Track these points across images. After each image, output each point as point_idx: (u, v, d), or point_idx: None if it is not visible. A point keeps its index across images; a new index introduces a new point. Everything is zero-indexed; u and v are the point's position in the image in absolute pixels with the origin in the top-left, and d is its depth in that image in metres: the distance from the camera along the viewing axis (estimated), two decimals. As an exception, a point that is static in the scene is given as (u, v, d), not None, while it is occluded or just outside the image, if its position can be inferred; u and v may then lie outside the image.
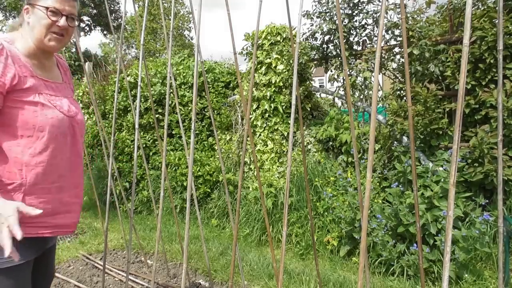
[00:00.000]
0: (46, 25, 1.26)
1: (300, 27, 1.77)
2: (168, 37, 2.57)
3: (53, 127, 1.25)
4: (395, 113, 3.71)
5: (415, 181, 1.67)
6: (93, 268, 3.29)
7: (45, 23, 1.26)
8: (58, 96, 1.33)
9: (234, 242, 1.81)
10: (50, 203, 1.26)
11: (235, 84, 5.49)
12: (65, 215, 1.32)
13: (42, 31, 1.26)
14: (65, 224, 1.32)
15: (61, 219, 1.30)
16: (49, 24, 1.26)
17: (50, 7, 1.25)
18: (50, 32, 1.27)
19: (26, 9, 1.27)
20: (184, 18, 23.62)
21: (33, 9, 1.26)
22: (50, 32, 1.27)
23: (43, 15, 1.25)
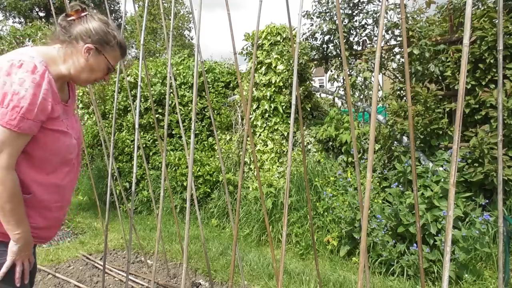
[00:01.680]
0: (97, 77, 1.33)
1: (300, 27, 1.77)
2: (168, 37, 2.57)
3: (67, 152, 1.27)
4: (395, 113, 3.71)
5: (415, 181, 1.67)
6: (93, 268, 3.29)
7: (99, 75, 1.33)
8: (69, 118, 1.34)
9: (234, 242, 1.81)
10: (49, 220, 1.29)
11: (235, 84, 5.49)
12: (54, 230, 1.37)
13: (90, 77, 1.31)
14: (50, 236, 1.37)
15: (50, 233, 1.35)
16: (101, 77, 1.34)
17: (112, 64, 1.33)
18: (93, 80, 1.34)
19: (90, 49, 1.26)
20: (184, 18, 23.62)
21: (98, 55, 1.28)
22: (93, 80, 1.34)
23: (103, 67, 1.31)
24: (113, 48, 1.31)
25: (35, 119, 1.12)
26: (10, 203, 1.10)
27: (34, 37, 7.26)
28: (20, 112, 1.08)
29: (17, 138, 1.10)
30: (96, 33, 1.26)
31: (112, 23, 1.34)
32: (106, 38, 1.28)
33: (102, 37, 1.27)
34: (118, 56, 1.36)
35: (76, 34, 1.24)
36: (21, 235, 1.15)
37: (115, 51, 1.33)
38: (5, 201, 1.09)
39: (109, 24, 1.31)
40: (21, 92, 1.08)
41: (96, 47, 1.26)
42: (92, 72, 1.30)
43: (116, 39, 1.31)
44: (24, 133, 1.11)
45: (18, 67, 1.10)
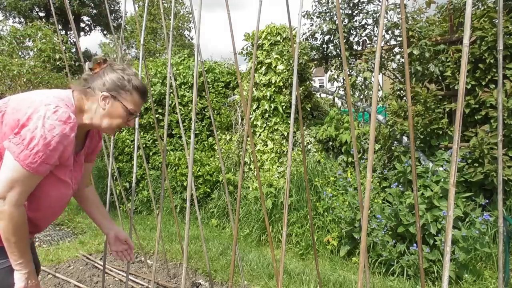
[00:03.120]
0: (119, 123, 1.33)
1: (300, 27, 1.77)
2: (168, 37, 2.57)
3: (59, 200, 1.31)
4: (395, 113, 3.71)
5: (415, 181, 1.67)
6: (93, 268, 3.29)
7: (120, 122, 1.33)
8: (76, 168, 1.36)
9: (234, 242, 1.81)
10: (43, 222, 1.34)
11: (235, 84, 5.49)
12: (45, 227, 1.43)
13: (112, 124, 1.32)
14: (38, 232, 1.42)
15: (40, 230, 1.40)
16: (122, 122, 1.34)
17: (132, 110, 1.33)
18: (116, 126, 1.34)
19: (106, 97, 1.29)
20: (184, 18, 23.62)
21: (114, 102, 1.30)
22: (116, 126, 1.34)
23: (122, 114, 1.32)
24: (129, 93, 1.32)
25: (53, 164, 1.17)
26: (15, 236, 1.15)
27: (34, 37, 7.26)
28: (42, 157, 1.12)
29: (32, 178, 1.15)
30: (111, 81, 1.29)
31: (130, 69, 1.36)
32: (120, 84, 1.31)
33: (116, 83, 1.30)
34: (137, 100, 1.35)
35: (94, 85, 1.29)
36: (23, 264, 1.20)
37: (132, 95, 1.33)
38: (11, 234, 1.14)
39: (125, 70, 1.33)
40: (47, 138, 1.12)
41: (112, 94, 1.29)
42: (113, 119, 1.32)
43: (131, 83, 1.32)
44: (39, 175, 1.15)
45: (53, 113, 1.15)
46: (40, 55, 7.05)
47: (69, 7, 2.32)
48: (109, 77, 1.30)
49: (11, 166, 1.12)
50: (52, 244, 3.98)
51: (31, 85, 7.26)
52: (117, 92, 1.30)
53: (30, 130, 1.12)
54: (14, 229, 1.14)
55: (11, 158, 1.12)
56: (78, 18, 22.41)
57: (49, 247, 3.88)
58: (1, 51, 7.30)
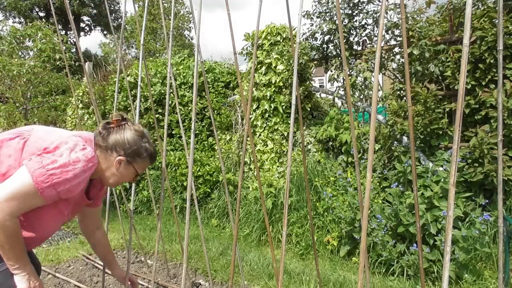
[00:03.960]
0: (126, 180, 1.45)
1: (300, 27, 1.77)
2: (168, 37, 2.57)
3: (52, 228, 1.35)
4: (395, 113, 3.71)
5: (415, 181, 1.67)
6: (93, 268, 3.29)
7: (126, 180, 1.44)
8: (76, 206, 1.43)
9: (234, 242, 1.81)
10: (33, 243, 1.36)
11: (235, 84, 5.49)
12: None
13: (118, 181, 1.43)
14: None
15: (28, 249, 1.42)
16: (129, 180, 1.46)
17: (139, 172, 1.45)
18: (121, 182, 1.45)
19: (121, 161, 1.36)
20: (184, 18, 23.63)
21: (128, 165, 1.39)
22: (121, 182, 1.46)
23: (131, 174, 1.42)
24: (144, 160, 1.42)
25: (60, 193, 1.19)
26: (8, 244, 1.16)
27: (34, 37, 7.26)
28: (53, 181, 1.15)
29: (34, 198, 1.16)
30: (130, 145, 1.36)
31: (146, 133, 1.43)
32: (138, 151, 1.39)
33: (134, 150, 1.37)
34: (148, 165, 1.47)
35: (112, 144, 1.35)
36: (21, 268, 1.21)
37: (145, 161, 1.43)
38: (4, 242, 1.15)
39: (143, 136, 1.41)
40: (68, 167, 1.18)
41: (128, 160, 1.37)
42: (121, 179, 1.41)
43: (147, 152, 1.42)
44: (42, 198, 1.17)
45: (80, 150, 1.24)
46: (40, 55, 7.05)
47: (69, 7, 2.32)
48: (127, 139, 1.36)
49: (21, 179, 1.14)
50: (52, 244, 3.98)
51: (31, 85, 7.26)
52: (133, 158, 1.39)
53: (54, 155, 1.18)
54: (6, 238, 1.14)
55: (25, 172, 1.14)
56: (78, 18, 22.42)
57: (49, 247, 3.88)
58: (1, 51, 7.30)
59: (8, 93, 7.23)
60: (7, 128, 7.37)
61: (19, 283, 1.21)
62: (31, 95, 7.61)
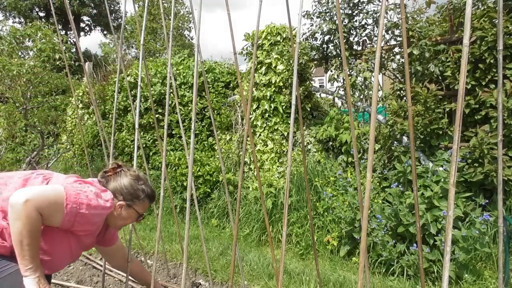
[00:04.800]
0: (130, 222, 1.57)
1: (300, 27, 1.77)
2: (168, 37, 2.57)
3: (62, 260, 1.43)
4: (395, 113, 3.71)
5: (415, 181, 1.67)
6: (93, 268, 3.29)
7: (130, 221, 1.57)
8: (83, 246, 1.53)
9: (234, 242, 1.81)
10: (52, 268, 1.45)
11: (235, 84, 5.49)
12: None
13: (123, 224, 1.57)
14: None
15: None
16: (132, 221, 1.58)
17: (141, 214, 1.57)
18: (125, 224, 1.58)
19: (122, 205, 1.49)
20: (184, 18, 23.61)
21: (128, 208, 1.51)
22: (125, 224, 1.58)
23: (133, 216, 1.55)
24: (143, 201, 1.54)
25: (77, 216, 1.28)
26: (29, 238, 1.20)
27: (34, 37, 7.26)
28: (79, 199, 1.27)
29: (58, 210, 1.24)
30: (127, 190, 1.49)
31: (142, 176, 1.58)
32: (136, 194, 1.51)
33: (132, 193, 1.50)
34: (147, 205, 1.58)
35: (111, 191, 1.47)
36: (33, 269, 1.25)
37: (144, 202, 1.55)
38: (25, 235, 1.19)
39: (139, 179, 1.54)
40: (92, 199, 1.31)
41: (127, 203, 1.49)
42: (125, 220, 1.54)
43: (145, 193, 1.54)
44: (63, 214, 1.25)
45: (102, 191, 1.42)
46: (40, 55, 7.05)
47: (69, 7, 2.32)
48: (124, 185, 1.49)
49: (55, 188, 1.25)
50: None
51: (31, 85, 7.25)
52: (132, 201, 1.50)
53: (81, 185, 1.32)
54: (29, 231, 1.18)
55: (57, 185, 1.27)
56: (78, 18, 22.42)
57: (49, 247, 3.88)
58: (1, 51, 7.29)
59: (8, 93, 7.23)
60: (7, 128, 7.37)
61: (29, 285, 1.23)
62: (31, 95, 7.60)
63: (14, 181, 1.36)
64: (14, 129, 7.41)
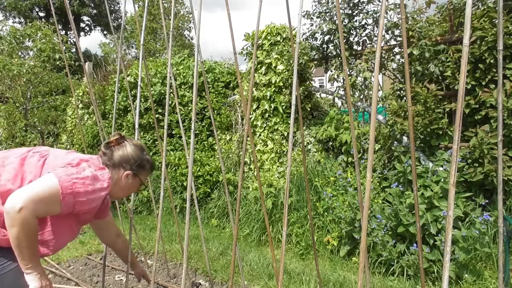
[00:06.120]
0: (133, 191, 1.62)
1: (300, 27, 1.77)
2: (168, 37, 2.57)
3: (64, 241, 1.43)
4: (395, 113, 3.71)
5: (415, 181, 1.67)
6: (93, 268, 3.29)
7: (134, 191, 1.60)
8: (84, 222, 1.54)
9: (234, 242, 1.81)
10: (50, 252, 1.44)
11: (235, 84, 5.49)
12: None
13: (127, 194, 1.59)
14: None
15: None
16: (135, 191, 1.61)
17: (144, 182, 1.60)
18: (128, 194, 1.61)
19: (129, 174, 1.50)
20: (184, 18, 23.59)
21: (134, 178, 1.53)
22: (128, 194, 1.61)
23: (137, 185, 1.58)
24: (147, 170, 1.58)
25: (76, 203, 1.28)
26: (27, 241, 1.21)
27: (34, 37, 7.26)
28: (75, 189, 1.26)
29: (55, 202, 1.24)
30: (134, 160, 1.51)
31: (145, 147, 1.60)
32: (141, 164, 1.54)
33: (138, 163, 1.52)
34: (149, 174, 1.62)
35: (118, 161, 1.49)
36: (33, 267, 1.26)
37: (147, 171, 1.59)
38: (23, 239, 1.20)
39: (143, 150, 1.57)
40: (88, 181, 1.29)
41: (134, 173, 1.51)
42: (129, 190, 1.57)
43: (149, 163, 1.58)
44: (61, 205, 1.25)
45: (99, 169, 1.39)
46: (40, 55, 7.05)
47: (69, 7, 2.32)
48: (131, 155, 1.51)
49: (49, 182, 1.22)
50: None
51: (30, 85, 7.26)
52: (138, 170, 1.53)
53: (77, 169, 1.29)
54: (26, 236, 1.19)
55: (51, 176, 1.23)
56: (78, 18, 22.42)
57: (49, 247, 3.88)
58: (1, 51, 7.29)
59: (8, 93, 7.23)
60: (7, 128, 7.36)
61: (31, 282, 1.25)
62: (31, 95, 7.61)
63: (11, 161, 1.34)
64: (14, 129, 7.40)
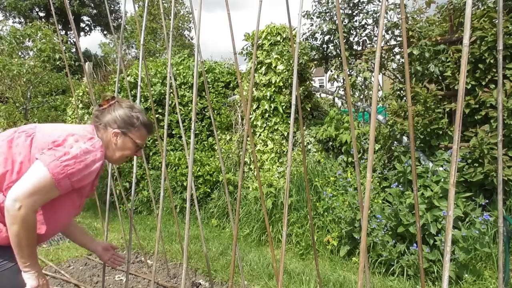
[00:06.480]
0: (129, 154, 1.50)
1: (300, 27, 1.77)
2: (168, 37, 2.57)
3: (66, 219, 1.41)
4: (395, 113, 3.71)
5: (415, 181, 1.67)
6: (93, 268, 3.29)
7: (129, 153, 1.49)
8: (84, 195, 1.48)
9: (234, 242, 1.81)
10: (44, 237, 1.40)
11: (235, 84, 5.49)
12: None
13: (122, 156, 1.48)
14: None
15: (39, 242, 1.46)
16: (131, 154, 1.50)
17: (139, 144, 1.49)
18: (125, 157, 1.50)
19: (117, 133, 1.43)
20: (184, 18, 23.59)
21: (125, 137, 1.45)
22: (125, 157, 1.50)
23: (131, 147, 1.47)
24: (138, 129, 1.47)
25: (73, 183, 1.25)
26: (26, 239, 1.20)
27: (34, 37, 7.26)
28: (68, 171, 1.21)
29: (52, 190, 1.22)
30: (122, 118, 1.43)
31: (137, 106, 1.52)
32: (130, 121, 1.45)
33: (125, 120, 1.44)
34: (144, 135, 1.51)
35: (106, 121, 1.42)
36: (31, 265, 1.25)
37: (140, 131, 1.48)
38: (23, 237, 1.19)
39: (133, 108, 1.48)
40: (80, 158, 1.24)
41: (122, 131, 1.43)
42: (123, 151, 1.47)
43: (139, 120, 1.48)
44: (58, 189, 1.22)
45: (88, 139, 1.30)
46: (40, 55, 7.05)
47: (69, 7, 2.32)
48: (118, 114, 1.43)
49: (39, 173, 1.19)
50: (52, 244, 3.98)
51: (30, 85, 7.25)
52: (127, 129, 1.44)
53: (65, 147, 1.23)
54: (26, 233, 1.18)
55: (40, 166, 1.19)
56: (78, 18, 22.42)
57: (49, 247, 3.88)
58: (1, 51, 7.29)
59: (8, 93, 7.23)
60: (7, 128, 7.36)
61: (29, 280, 1.24)
62: (31, 95, 7.61)
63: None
64: (14, 129, 7.39)
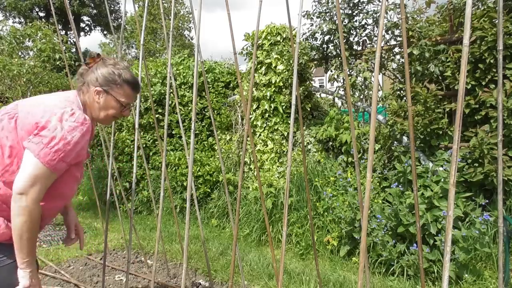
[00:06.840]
0: (114, 113, 1.43)
1: (300, 27, 1.77)
2: (168, 37, 2.57)
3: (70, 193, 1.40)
4: (395, 113, 3.71)
5: (415, 181, 1.67)
6: (93, 268, 3.29)
7: (114, 113, 1.43)
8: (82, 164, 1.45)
9: (234, 242, 1.81)
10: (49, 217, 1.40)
11: (235, 84, 5.49)
12: None
13: (107, 116, 1.42)
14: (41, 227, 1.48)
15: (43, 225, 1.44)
16: (117, 113, 1.43)
17: (124, 102, 1.42)
18: (112, 117, 1.44)
19: (99, 92, 1.38)
20: (184, 18, 23.58)
21: (107, 95, 1.39)
22: (112, 117, 1.44)
23: (115, 105, 1.41)
24: (120, 86, 1.41)
25: (69, 162, 1.25)
26: (29, 232, 1.19)
27: (34, 37, 7.26)
28: (60, 156, 1.21)
29: (50, 176, 1.21)
30: (103, 76, 1.38)
31: (122, 63, 1.45)
32: (112, 79, 1.39)
33: (107, 78, 1.39)
34: (129, 92, 1.44)
35: (88, 81, 1.38)
36: (29, 262, 1.23)
37: (123, 88, 1.42)
38: (26, 230, 1.18)
39: (116, 64, 1.42)
40: (67, 138, 1.21)
41: (104, 89, 1.38)
42: (107, 110, 1.41)
43: (121, 77, 1.41)
44: (55, 173, 1.22)
45: (70, 115, 1.25)
46: (40, 55, 7.05)
47: (69, 7, 2.32)
48: (100, 72, 1.38)
49: (31, 164, 1.18)
50: (52, 244, 3.98)
51: (30, 85, 7.25)
52: (109, 86, 1.39)
53: (50, 131, 1.20)
54: (31, 225, 1.18)
55: (31, 157, 1.18)
56: (78, 18, 22.43)
57: (49, 247, 3.88)
58: (1, 51, 7.29)
59: (8, 93, 7.23)
60: (7, 128, 7.34)
61: (22, 279, 1.23)
62: (31, 95, 7.61)
63: None
64: (14, 129, 7.39)
